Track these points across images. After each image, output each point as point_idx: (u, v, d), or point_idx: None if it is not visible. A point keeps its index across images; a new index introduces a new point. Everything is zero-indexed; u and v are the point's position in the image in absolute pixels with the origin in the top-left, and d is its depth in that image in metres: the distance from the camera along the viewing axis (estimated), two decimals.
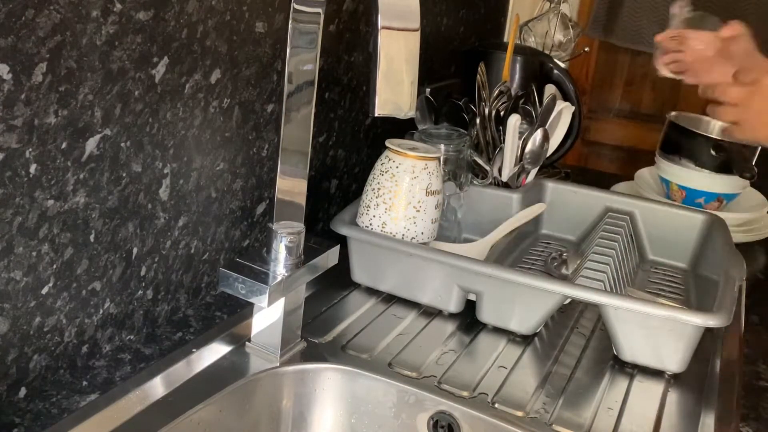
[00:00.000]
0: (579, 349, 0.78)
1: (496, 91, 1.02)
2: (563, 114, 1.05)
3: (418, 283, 0.81)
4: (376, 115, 0.50)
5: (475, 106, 1.02)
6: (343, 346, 0.74)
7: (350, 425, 0.71)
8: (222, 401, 0.63)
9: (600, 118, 2.02)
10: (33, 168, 0.53)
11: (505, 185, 0.99)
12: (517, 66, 1.16)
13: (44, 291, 0.57)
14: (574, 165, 1.56)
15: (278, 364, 0.69)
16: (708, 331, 0.77)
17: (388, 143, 0.83)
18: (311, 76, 0.64)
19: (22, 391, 0.58)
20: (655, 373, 0.74)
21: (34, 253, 0.55)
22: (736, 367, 0.77)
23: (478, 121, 1.00)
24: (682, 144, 1.18)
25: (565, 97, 1.17)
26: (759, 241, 1.13)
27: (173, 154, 0.67)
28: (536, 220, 1.05)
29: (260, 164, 0.79)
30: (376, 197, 0.82)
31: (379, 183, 0.82)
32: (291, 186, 0.67)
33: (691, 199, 1.17)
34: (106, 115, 0.58)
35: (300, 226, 0.68)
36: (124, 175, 0.62)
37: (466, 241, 0.95)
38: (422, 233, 0.82)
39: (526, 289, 0.76)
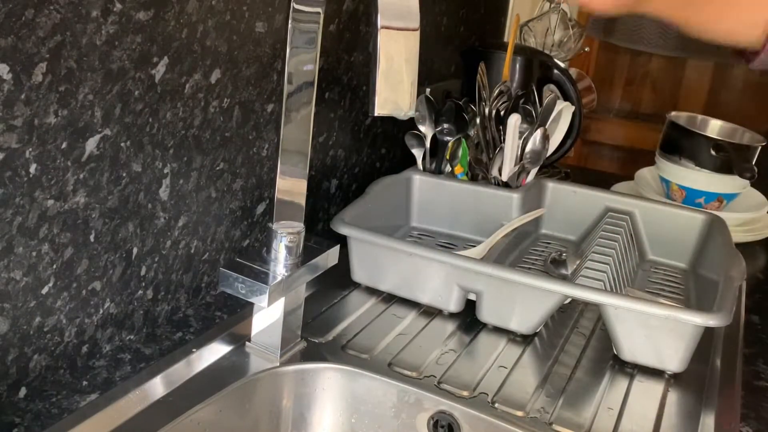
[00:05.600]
0: (579, 349, 0.78)
1: (496, 91, 1.02)
2: (563, 114, 1.05)
3: (418, 283, 0.81)
4: (375, 114, 0.50)
5: (475, 106, 1.02)
6: (343, 346, 0.74)
7: (350, 425, 0.71)
8: (222, 401, 0.63)
9: (600, 118, 2.02)
10: (33, 168, 0.53)
11: (505, 185, 0.99)
12: (517, 66, 1.16)
13: (44, 291, 0.57)
14: (574, 165, 1.56)
15: (278, 364, 0.69)
16: (708, 331, 0.77)
17: None
18: (311, 76, 0.64)
19: (22, 391, 0.58)
20: (655, 373, 0.74)
21: (34, 253, 0.55)
22: (736, 367, 0.77)
23: (478, 121, 1.00)
24: (682, 144, 1.18)
25: (565, 97, 1.17)
26: (759, 241, 1.13)
27: (173, 154, 0.67)
28: (536, 220, 1.05)
29: (260, 164, 0.79)
30: None
31: None
32: (291, 186, 0.67)
33: (691, 199, 1.17)
34: (106, 115, 0.58)
35: (300, 226, 0.68)
36: (124, 175, 0.62)
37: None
38: None
39: (526, 289, 0.76)
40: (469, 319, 0.81)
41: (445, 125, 1.00)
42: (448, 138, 1.00)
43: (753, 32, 0.71)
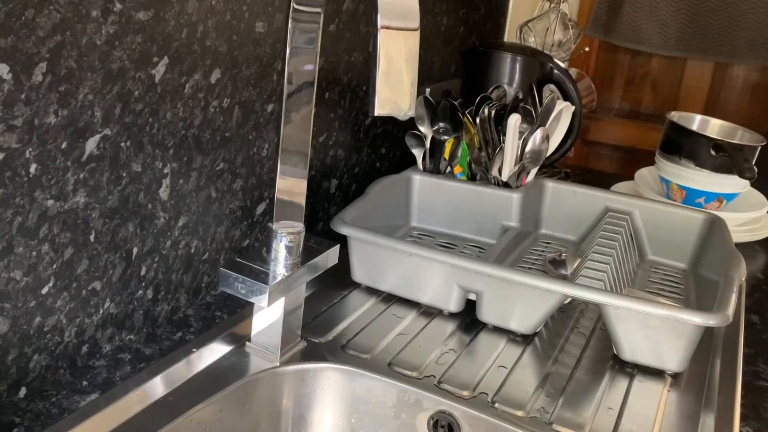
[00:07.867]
0: (579, 348, 0.78)
1: (496, 91, 1.02)
2: (563, 114, 1.05)
3: (418, 283, 0.81)
4: (375, 114, 0.50)
5: (474, 106, 1.02)
6: (343, 346, 0.74)
7: (350, 425, 0.71)
8: (222, 401, 0.63)
9: (600, 118, 2.02)
10: (33, 168, 0.53)
11: (505, 185, 0.99)
12: (517, 66, 1.16)
13: (44, 291, 0.57)
14: (574, 165, 1.56)
15: (278, 364, 0.69)
16: (708, 331, 0.77)
17: None
18: (311, 76, 0.64)
19: (22, 391, 0.58)
20: (655, 373, 0.74)
21: (34, 253, 0.55)
22: (736, 367, 0.77)
23: (478, 120, 1.00)
24: (682, 144, 1.18)
25: (565, 97, 1.17)
26: (759, 241, 1.13)
27: (173, 154, 0.67)
28: (536, 220, 1.05)
29: (260, 164, 0.79)
30: None
31: None
32: (291, 186, 0.67)
33: (691, 199, 1.17)
34: (106, 115, 0.58)
35: (300, 226, 0.68)
36: (124, 174, 0.62)
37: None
38: None
39: (526, 289, 0.76)
40: (469, 319, 0.81)
41: (441, 124, 1.00)
42: (445, 137, 1.00)
43: None
